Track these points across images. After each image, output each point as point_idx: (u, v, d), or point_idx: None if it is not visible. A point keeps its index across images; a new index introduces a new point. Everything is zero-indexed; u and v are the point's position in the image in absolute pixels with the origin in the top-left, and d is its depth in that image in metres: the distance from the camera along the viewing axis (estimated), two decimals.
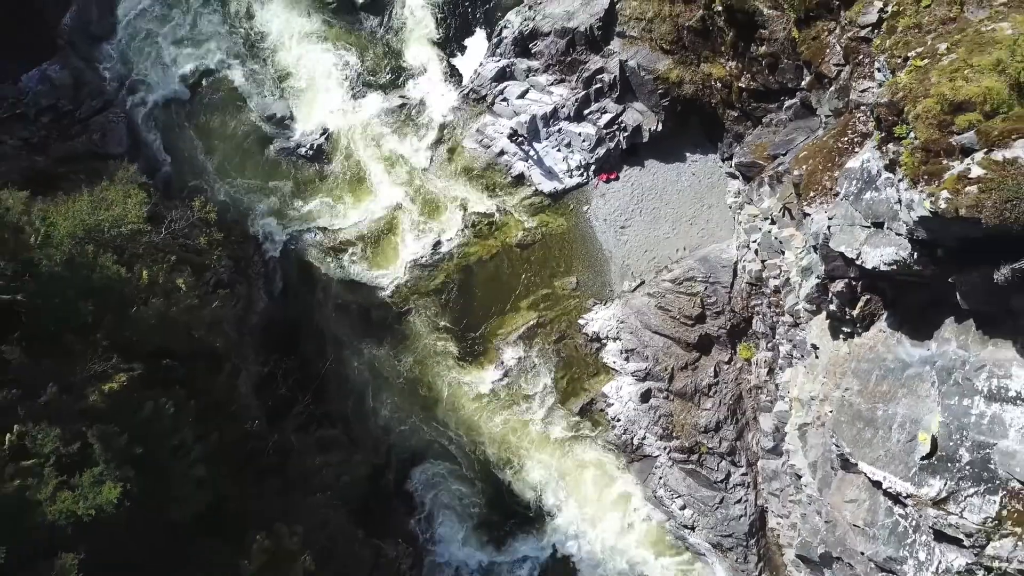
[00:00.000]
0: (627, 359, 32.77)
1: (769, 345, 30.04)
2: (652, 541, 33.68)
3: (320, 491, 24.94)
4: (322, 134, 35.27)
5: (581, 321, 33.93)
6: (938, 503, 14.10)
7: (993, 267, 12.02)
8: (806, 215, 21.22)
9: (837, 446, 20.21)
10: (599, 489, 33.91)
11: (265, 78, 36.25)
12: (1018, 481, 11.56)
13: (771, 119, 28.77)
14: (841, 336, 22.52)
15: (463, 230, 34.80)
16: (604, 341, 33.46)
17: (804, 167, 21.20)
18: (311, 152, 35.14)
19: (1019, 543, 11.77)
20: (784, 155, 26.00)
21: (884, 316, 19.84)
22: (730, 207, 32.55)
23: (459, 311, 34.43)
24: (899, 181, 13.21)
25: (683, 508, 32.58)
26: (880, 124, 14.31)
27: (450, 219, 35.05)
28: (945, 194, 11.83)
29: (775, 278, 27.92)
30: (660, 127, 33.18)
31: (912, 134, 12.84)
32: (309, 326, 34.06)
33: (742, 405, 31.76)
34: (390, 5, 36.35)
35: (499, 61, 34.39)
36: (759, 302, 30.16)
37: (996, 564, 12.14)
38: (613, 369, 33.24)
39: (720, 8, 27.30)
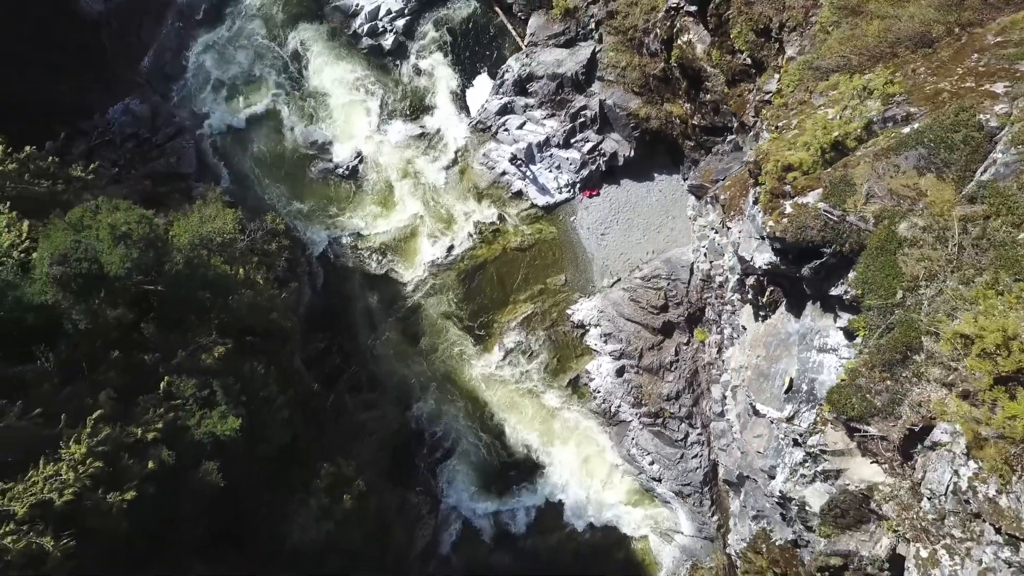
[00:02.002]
0: (606, 342, 39.86)
1: (718, 329, 37.32)
2: (627, 491, 40.44)
3: (367, 437, 32.22)
4: (356, 157, 42.38)
5: (569, 311, 40.90)
6: (789, 419, 21.46)
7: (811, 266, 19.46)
8: (728, 228, 28.62)
9: (748, 397, 27.64)
10: (584, 448, 40.77)
11: (308, 110, 43.48)
12: (824, 400, 18.76)
13: (718, 150, 36.09)
14: (759, 319, 29.89)
15: (471, 236, 41.73)
16: (587, 327, 40.55)
17: (728, 193, 28.58)
18: (347, 172, 42.25)
19: (822, 436, 19.08)
20: (723, 180, 33.32)
21: (784, 303, 27.24)
22: (689, 218, 39.87)
23: (468, 303, 41.22)
24: (759, 212, 20.54)
25: (652, 464, 39.50)
26: (751, 173, 21.69)
27: (461, 227, 42.06)
28: (771, 223, 19.15)
29: (719, 275, 35.31)
30: (632, 153, 40.40)
31: (765, 183, 20.17)
32: (345, 314, 41.21)
33: (698, 378, 38.98)
34: (412, 52, 43.53)
35: (502, 98, 41.59)
36: (710, 295, 37.42)
37: (813, 449, 19.45)
38: (594, 350, 40.27)
39: (675, 63, 34.59)
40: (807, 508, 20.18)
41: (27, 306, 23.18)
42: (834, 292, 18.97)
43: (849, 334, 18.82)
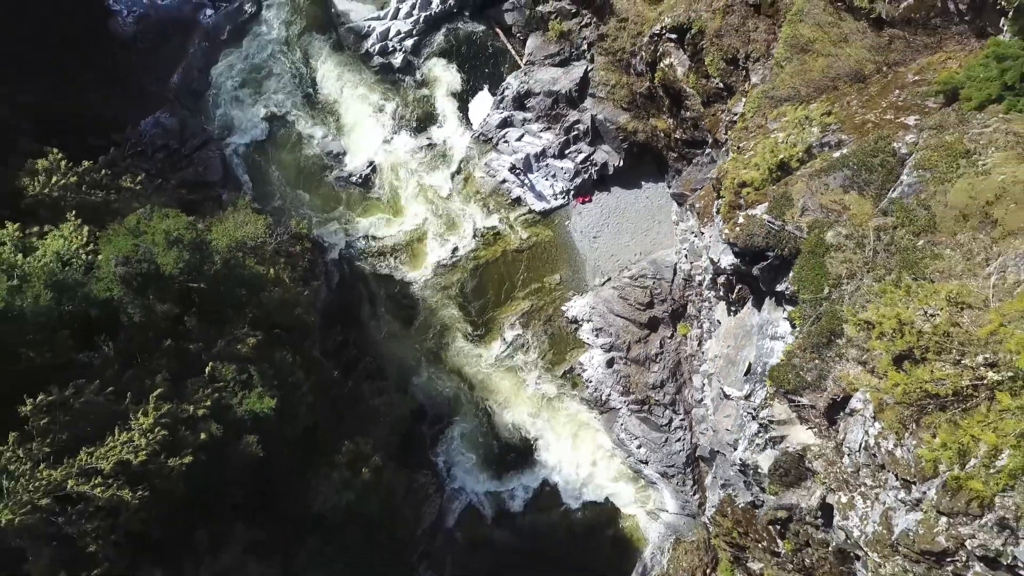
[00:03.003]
0: (597, 335, 43.51)
1: (698, 324, 41.05)
2: (617, 473, 44.11)
3: (380, 420, 35.93)
4: (368, 166, 46.07)
5: (564, 308, 44.50)
6: (747, 397, 25.18)
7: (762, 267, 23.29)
8: (703, 233, 32.35)
9: (719, 382, 31.42)
10: (577, 433, 44.35)
11: (324, 122, 47.19)
12: (768, 376, 22.44)
13: (698, 161, 39.77)
14: (731, 313, 33.64)
15: (474, 239, 45.38)
16: (580, 322, 44.19)
17: (702, 202, 32.32)
18: (360, 180, 45.95)
19: (771, 409, 22.72)
20: (699, 189, 37.02)
21: (751, 299, 30.97)
22: (673, 223, 43.57)
23: (471, 300, 44.85)
24: (720, 220, 24.25)
25: (639, 447, 43.13)
26: (714, 188, 25.39)
27: (465, 231, 45.72)
28: (727, 230, 22.84)
29: (699, 275, 39.03)
30: (621, 163, 44.12)
31: (725, 196, 23.85)
32: (357, 309, 44.86)
33: (680, 368, 42.66)
34: (419, 69, 47.24)
35: (502, 113, 45.28)
36: (691, 292, 41.14)
37: (764, 420, 23.11)
38: (587, 343, 43.85)
39: (659, 83, 38.28)
40: (759, 471, 23.92)
41: (92, 301, 26.92)
42: (779, 288, 22.72)
43: (792, 323, 22.53)
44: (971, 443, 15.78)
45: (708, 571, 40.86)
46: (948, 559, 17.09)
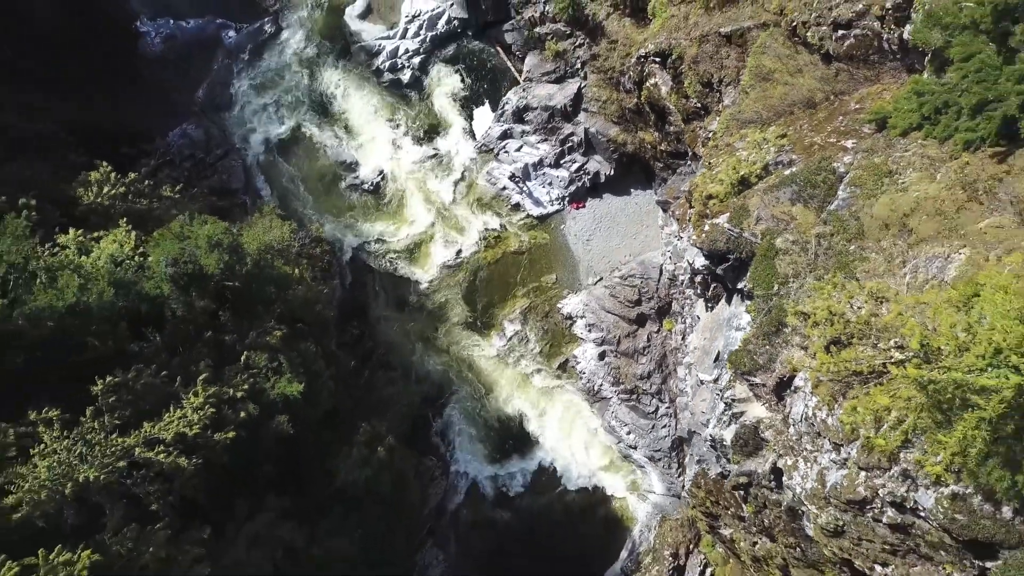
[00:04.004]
0: (590, 330, 47.27)
1: (681, 320, 44.81)
2: (608, 457, 47.87)
3: (391, 407, 39.76)
4: (379, 174, 49.87)
5: (559, 305, 48.27)
6: (715, 381, 28.98)
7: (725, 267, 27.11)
8: (682, 237, 36.15)
9: (696, 370, 35.24)
10: (571, 421, 48.09)
11: (337, 134, 51.00)
12: (728, 360, 26.19)
13: (681, 170, 43.58)
14: (708, 309, 37.43)
15: (477, 242, 49.21)
16: (574, 318, 47.98)
17: (681, 209, 36.14)
18: (372, 187, 49.75)
19: (733, 390, 26.48)
20: (681, 197, 40.79)
21: (725, 296, 34.78)
22: (659, 227, 47.38)
23: (474, 297, 48.68)
24: (691, 228, 28.02)
25: (629, 433, 46.91)
26: (687, 199, 29.20)
27: (468, 234, 49.56)
28: (695, 236, 26.61)
29: (681, 275, 42.82)
30: (612, 172, 47.94)
31: (695, 207, 27.60)
32: (369, 307, 48.65)
33: (666, 361, 46.46)
34: (426, 84, 51.08)
35: (503, 125, 49.10)
36: (675, 291, 44.93)
37: (728, 400, 26.88)
38: (580, 338, 47.63)
39: (645, 101, 42.07)
40: (725, 444, 27.75)
41: (144, 297, 30.70)
42: (740, 286, 26.52)
43: (750, 315, 26.31)
44: (882, 411, 19.63)
45: (691, 546, 44.63)
46: (867, 506, 20.92)
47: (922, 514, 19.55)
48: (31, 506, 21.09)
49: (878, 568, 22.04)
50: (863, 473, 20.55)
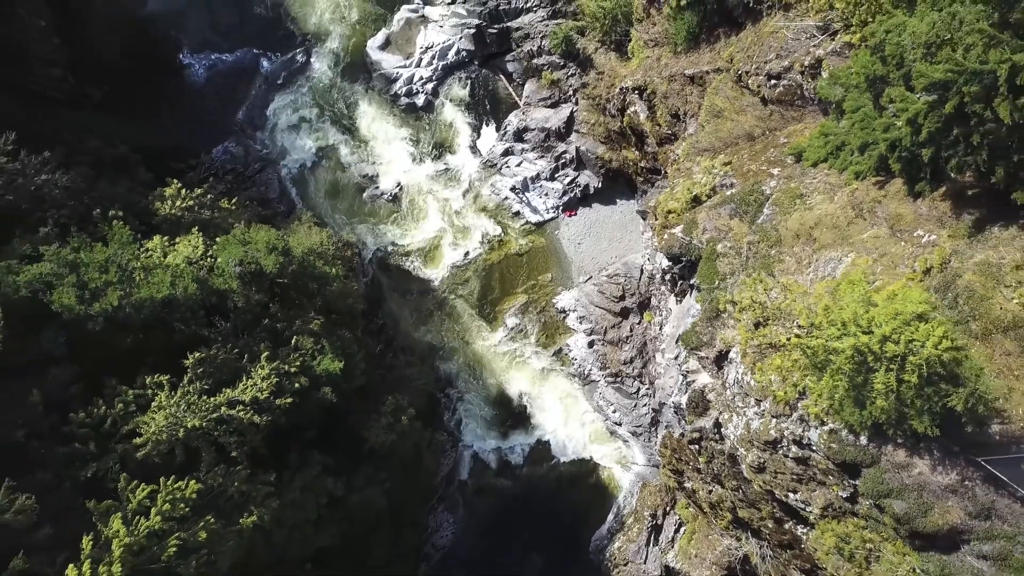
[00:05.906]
0: (580, 322, 54.27)
1: (659, 312, 51.87)
2: (596, 433, 54.75)
3: (409, 385, 46.86)
4: (396, 186, 56.91)
5: (554, 300, 55.21)
6: (676, 357, 36.10)
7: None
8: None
9: (666, 352, 42.39)
10: (565, 402, 54.99)
11: (360, 150, 58.04)
12: (680, 339, 33.29)
13: (659, 185, 50.68)
14: (678, 302, 44.55)
15: (482, 245, 56.23)
16: (567, 312, 54.93)
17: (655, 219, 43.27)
18: (391, 197, 56.78)
19: (687, 363, 33.52)
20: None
21: (690, 292, 41.90)
22: (641, 233, 54.43)
23: (479, 294, 55.65)
24: (654, 236, 35.06)
25: (614, 412, 53.82)
26: (652, 213, 36.34)
27: (474, 238, 56.55)
28: (657, 242, 33.66)
29: (657, 274, 49.91)
30: (600, 185, 54.99)
31: (658, 219, 34.64)
32: (387, 301, 55.65)
33: (646, 348, 53.46)
34: (438, 109, 58.19)
35: (505, 143, 56.20)
36: (653, 287, 51.94)
37: (684, 371, 33.87)
38: (572, 328, 54.58)
39: (627, 125, 49.21)
40: (682, 408, 34.92)
41: (214, 292, 37.81)
42: (692, 282, 33.68)
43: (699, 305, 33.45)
44: (785, 371, 26.81)
45: (668, 508, 51.61)
46: (778, 445, 28.07)
47: (813, 448, 26.69)
48: (153, 445, 28.23)
49: (791, 495, 29.21)
50: (773, 420, 27.71)
